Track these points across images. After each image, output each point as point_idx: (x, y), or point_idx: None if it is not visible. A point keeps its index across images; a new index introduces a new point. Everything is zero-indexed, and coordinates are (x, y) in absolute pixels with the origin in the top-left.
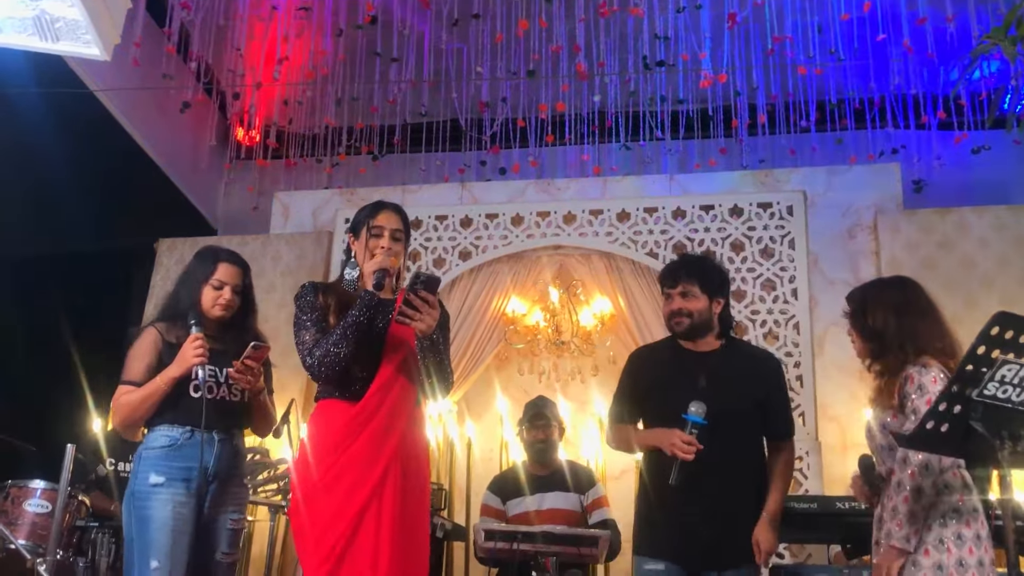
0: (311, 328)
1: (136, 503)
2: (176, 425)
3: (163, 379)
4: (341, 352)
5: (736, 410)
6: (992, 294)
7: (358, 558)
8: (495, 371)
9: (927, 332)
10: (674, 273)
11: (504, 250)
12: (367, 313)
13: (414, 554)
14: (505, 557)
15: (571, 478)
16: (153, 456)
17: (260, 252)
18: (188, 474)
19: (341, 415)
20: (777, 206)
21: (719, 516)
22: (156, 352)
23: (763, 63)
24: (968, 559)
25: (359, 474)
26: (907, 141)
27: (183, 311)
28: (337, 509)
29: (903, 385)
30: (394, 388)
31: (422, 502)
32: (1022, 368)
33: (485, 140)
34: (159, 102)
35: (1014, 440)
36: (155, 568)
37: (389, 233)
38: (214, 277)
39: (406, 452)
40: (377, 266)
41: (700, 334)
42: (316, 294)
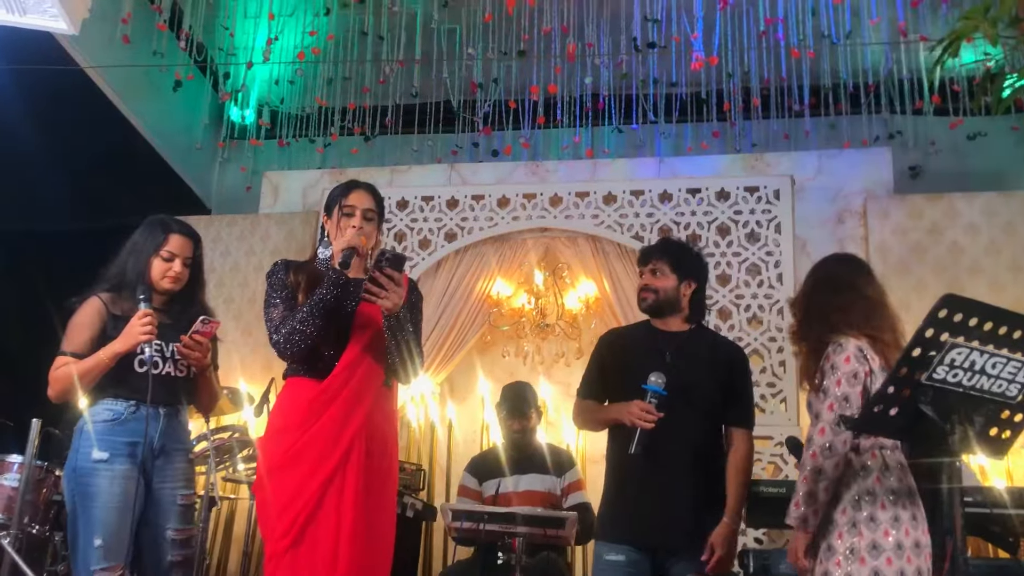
0: (279, 306)
1: (79, 479)
2: (120, 399)
3: (107, 354)
4: (307, 330)
5: (698, 386)
6: (980, 281)
7: (319, 534)
8: (478, 353)
9: (844, 308)
10: (648, 252)
11: (490, 232)
12: (334, 291)
13: (377, 533)
14: (473, 537)
15: (550, 460)
16: (96, 431)
17: (249, 232)
18: (133, 449)
19: (307, 392)
20: (764, 190)
21: (677, 494)
22: (100, 323)
23: (756, 46)
24: (883, 541)
25: (321, 451)
26: (902, 126)
27: (130, 282)
28: (298, 485)
29: (822, 363)
30: (360, 367)
31: (387, 481)
32: (972, 352)
33: (477, 121)
34: (151, 80)
35: (964, 425)
36: (99, 546)
37: (361, 213)
38: (164, 248)
39: (371, 431)
40: (345, 244)
41: (665, 312)
42: (287, 272)
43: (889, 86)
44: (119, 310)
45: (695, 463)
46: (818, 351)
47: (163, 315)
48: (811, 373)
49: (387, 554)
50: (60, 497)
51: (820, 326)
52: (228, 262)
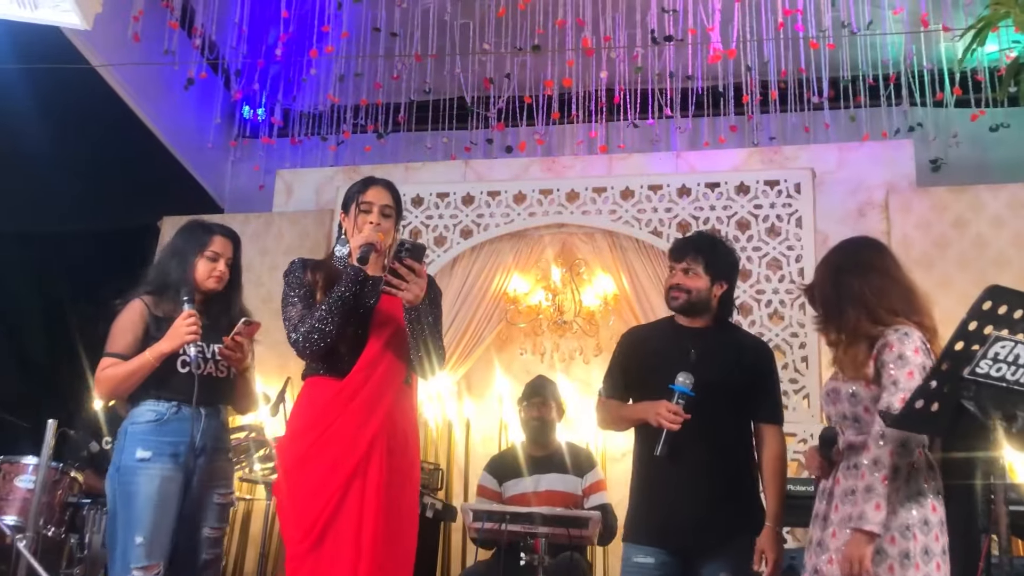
0: (297, 304)
1: (121, 478)
2: (162, 400)
3: (153, 354)
4: (325, 328)
5: (725, 384)
6: (1006, 274)
7: (341, 534)
8: (496, 351)
9: (880, 293)
10: (682, 248)
11: (506, 228)
12: (353, 288)
13: (400, 533)
14: (495, 538)
15: (570, 460)
16: (139, 431)
17: (263, 230)
18: (175, 448)
19: (326, 391)
20: (784, 184)
21: (706, 495)
22: (143, 325)
23: (774, 37)
24: (933, 547)
25: (341, 450)
26: (923, 118)
27: (174, 283)
28: (318, 485)
29: (880, 352)
30: (380, 365)
31: (408, 480)
32: (1016, 345)
33: (491, 117)
34: (163, 78)
35: (1008, 420)
36: (139, 543)
37: (378, 209)
38: (209, 249)
39: (392, 429)
40: (363, 240)
41: (695, 313)
42: (304, 270)
43: (909, 78)
44: (161, 312)
45: (723, 463)
46: (863, 339)
47: (202, 316)
48: (858, 363)
49: (409, 554)
50: (75, 499)
51: (858, 311)
52: (243, 261)
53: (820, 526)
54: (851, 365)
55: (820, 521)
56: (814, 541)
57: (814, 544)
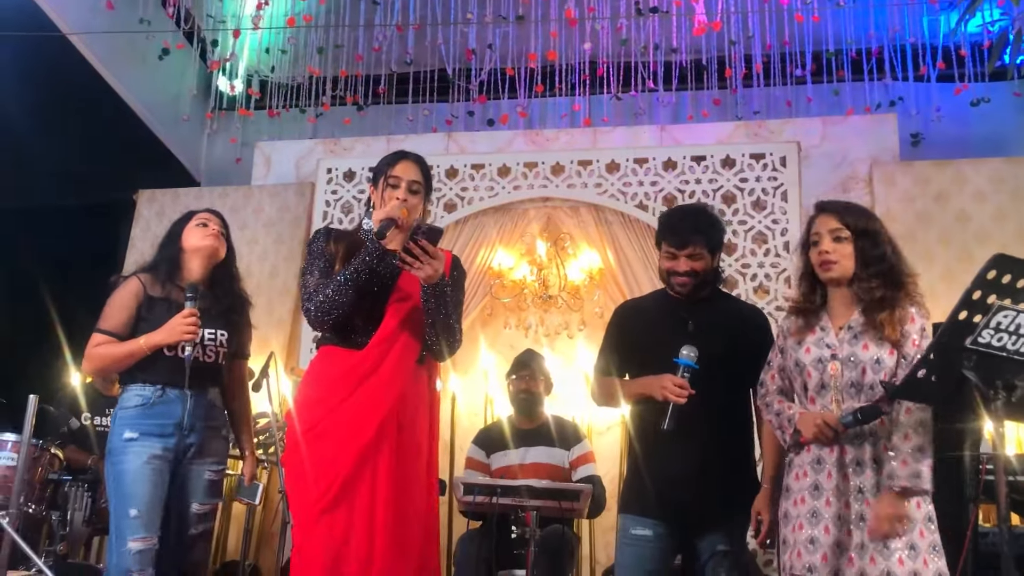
0: (316, 273)
1: (112, 459)
2: (148, 384)
3: (147, 343)
4: (340, 299)
5: (724, 356)
6: (987, 248)
7: (355, 500)
8: (480, 326)
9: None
10: (687, 233)
11: (490, 202)
12: (370, 262)
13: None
14: (485, 511)
15: (556, 433)
16: (127, 416)
17: (242, 204)
18: (162, 430)
19: (340, 364)
20: (770, 157)
21: (707, 467)
22: (136, 304)
23: (759, 9)
24: (933, 512)
25: (355, 427)
26: (905, 93)
27: (165, 259)
28: (332, 455)
29: (903, 322)
30: (398, 342)
31: (418, 456)
32: (1018, 314)
33: (472, 89)
34: (137, 48)
35: (1008, 390)
36: (135, 516)
37: (406, 185)
38: (196, 218)
39: (403, 407)
40: (385, 215)
41: (697, 290)
42: (327, 240)
43: (892, 52)
44: (157, 292)
45: (723, 434)
46: (893, 307)
47: (200, 299)
48: (889, 327)
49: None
50: (55, 476)
51: (902, 283)
52: None
53: (813, 495)
54: (891, 325)
55: (812, 491)
56: (801, 513)
57: (805, 515)
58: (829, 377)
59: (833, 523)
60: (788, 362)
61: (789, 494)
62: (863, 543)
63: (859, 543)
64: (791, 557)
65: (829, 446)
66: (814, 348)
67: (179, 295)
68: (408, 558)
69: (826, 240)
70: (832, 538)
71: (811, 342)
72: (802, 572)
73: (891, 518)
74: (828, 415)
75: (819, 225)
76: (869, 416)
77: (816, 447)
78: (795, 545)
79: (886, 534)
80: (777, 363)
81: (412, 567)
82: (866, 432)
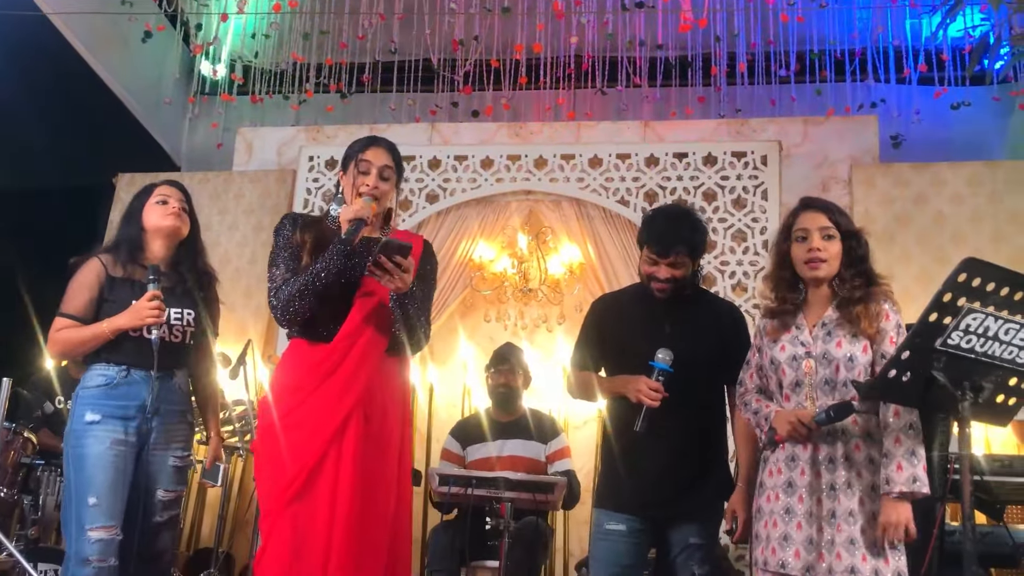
0: (281, 267)
1: (72, 441)
2: (112, 364)
3: (110, 327)
4: (304, 300)
5: (701, 358)
6: (963, 251)
7: (318, 493)
8: (460, 317)
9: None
10: (670, 242)
11: (472, 194)
12: (338, 264)
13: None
14: (460, 502)
15: (534, 426)
16: (89, 395)
17: (223, 189)
18: (125, 412)
19: (308, 358)
20: (751, 156)
21: (681, 463)
22: (98, 285)
23: (744, 7)
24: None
25: (321, 417)
26: (887, 94)
27: (126, 240)
28: (298, 446)
29: (877, 318)
30: (363, 335)
31: (387, 447)
32: (987, 317)
33: (457, 80)
34: (120, 30)
35: (976, 391)
36: (93, 504)
37: (377, 170)
38: (155, 193)
39: (370, 398)
40: (353, 214)
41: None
42: (294, 229)
43: (874, 54)
44: (119, 272)
45: (698, 434)
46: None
47: (165, 278)
48: (872, 317)
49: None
50: (28, 460)
51: (876, 281)
52: (200, 220)
53: (787, 492)
54: (868, 319)
55: (786, 488)
56: (775, 510)
57: (779, 512)
58: (803, 375)
59: (806, 520)
60: (764, 360)
61: (763, 490)
62: (833, 539)
63: (830, 539)
64: (764, 552)
65: (803, 444)
66: (789, 346)
67: (142, 275)
68: (372, 550)
69: (816, 237)
70: (805, 535)
71: (786, 340)
72: (776, 568)
73: (900, 524)
74: (802, 413)
75: (807, 222)
76: (841, 414)
77: (790, 444)
78: (768, 541)
79: (900, 539)
80: (755, 362)
81: (378, 559)
82: (839, 430)
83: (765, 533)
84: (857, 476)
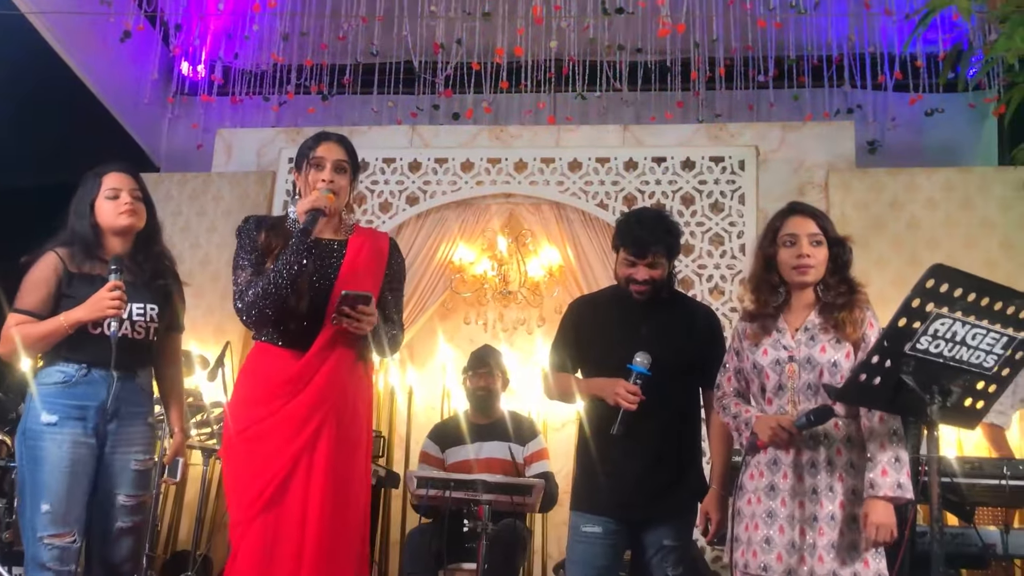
0: (247, 269)
1: (27, 442)
2: (71, 362)
3: (68, 321)
4: (269, 301)
5: (677, 360)
6: (936, 256)
7: (288, 502)
8: (439, 320)
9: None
10: (647, 243)
11: (453, 196)
12: (298, 258)
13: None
14: (438, 504)
15: (512, 429)
16: (46, 393)
17: (201, 190)
18: (83, 412)
19: (280, 365)
20: (729, 160)
21: (658, 466)
22: (56, 280)
23: (723, 13)
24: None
25: (294, 426)
26: (863, 100)
27: (80, 235)
28: (269, 455)
29: (861, 325)
30: (338, 347)
31: (357, 449)
32: (955, 322)
33: (438, 83)
34: (98, 30)
35: (944, 395)
36: (46, 512)
37: (331, 164)
38: (105, 188)
39: (343, 403)
40: (309, 205)
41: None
42: (257, 230)
43: (851, 60)
44: (76, 267)
45: (673, 436)
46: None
47: (126, 273)
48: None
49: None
50: (3, 462)
51: (842, 280)
52: (179, 222)
53: (769, 495)
54: (852, 324)
55: (768, 491)
56: (756, 513)
57: (761, 515)
58: (787, 379)
59: (788, 523)
60: (745, 364)
61: (743, 493)
62: (815, 543)
63: (811, 543)
64: (745, 555)
65: (785, 448)
66: (771, 350)
67: (102, 268)
68: (345, 553)
69: (805, 243)
70: (787, 538)
71: (768, 344)
72: (757, 571)
73: (886, 526)
74: (783, 418)
75: (796, 227)
76: (821, 418)
77: (772, 448)
78: (750, 544)
79: (885, 541)
80: (733, 366)
81: (350, 563)
82: (821, 434)
83: (746, 536)
84: (839, 480)
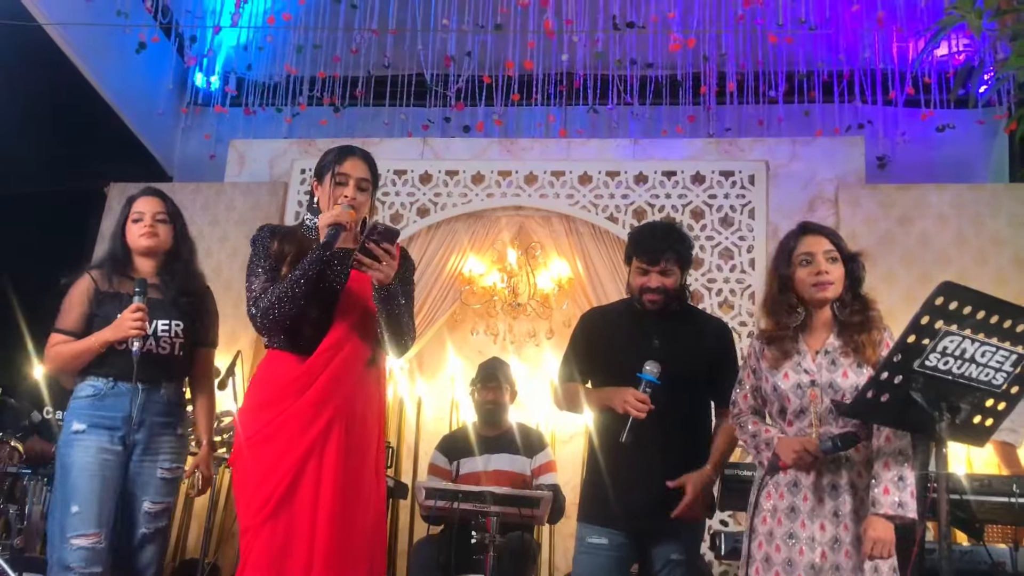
0: (261, 276)
1: (61, 451)
2: (100, 376)
3: (97, 341)
4: (284, 308)
5: (688, 372)
6: (947, 272)
7: (297, 508)
8: (448, 331)
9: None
10: (659, 249)
11: (463, 208)
12: (316, 269)
13: (358, 509)
14: (446, 516)
15: (521, 441)
16: (78, 406)
17: (214, 200)
18: (112, 422)
19: (288, 369)
20: (739, 175)
21: (665, 475)
22: (88, 300)
23: (733, 28)
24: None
25: (299, 428)
26: (873, 116)
27: (110, 256)
28: (276, 459)
29: (879, 346)
30: (344, 347)
31: (366, 457)
32: (964, 340)
33: (450, 96)
34: (114, 41)
35: (952, 412)
36: (75, 513)
37: (355, 183)
38: (132, 211)
39: (351, 410)
40: (332, 219)
41: (666, 304)
42: (272, 239)
43: (862, 76)
44: (107, 286)
45: (682, 446)
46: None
47: (153, 289)
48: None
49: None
50: (14, 469)
51: (856, 297)
52: (191, 231)
53: (789, 517)
54: (872, 346)
55: (788, 513)
56: (778, 534)
57: (779, 536)
58: (808, 403)
59: (808, 545)
60: (765, 385)
61: (758, 511)
62: (839, 565)
63: (833, 565)
64: (759, 574)
65: (806, 470)
66: (792, 374)
67: (129, 288)
68: (353, 561)
69: (822, 260)
70: (807, 560)
71: (788, 368)
72: None
73: (883, 541)
74: (809, 441)
75: (810, 245)
76: (847, 443)
77: (793, 470)
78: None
79: (881, 556)
80: (750, 384)
81: (359, 570)
82: (842, 457)
83: (761, 554)
84: (862, 503)
